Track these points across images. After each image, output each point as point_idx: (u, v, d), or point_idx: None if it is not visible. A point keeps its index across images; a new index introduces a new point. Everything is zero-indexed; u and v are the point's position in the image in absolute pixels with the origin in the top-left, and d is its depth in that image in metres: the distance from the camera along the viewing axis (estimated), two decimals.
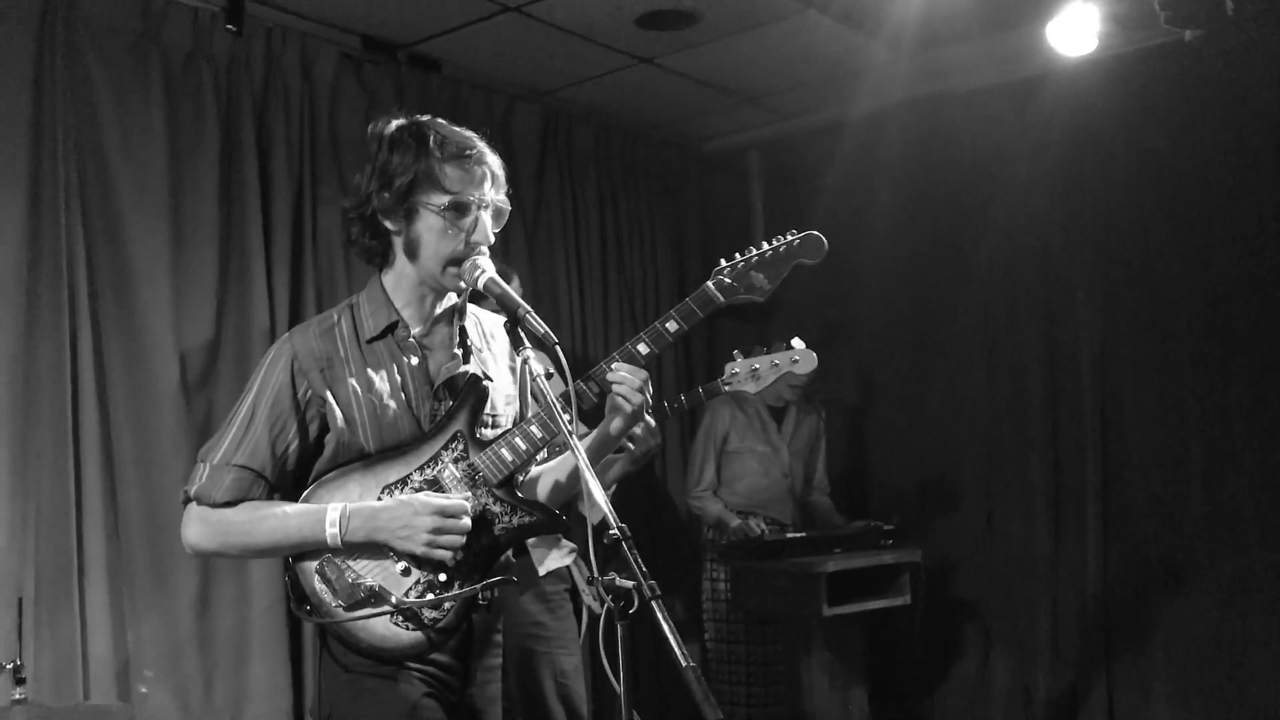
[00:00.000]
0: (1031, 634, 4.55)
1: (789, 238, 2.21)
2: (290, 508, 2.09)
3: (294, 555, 2.09)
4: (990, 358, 4.77)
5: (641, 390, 2.12)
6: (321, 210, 3.81)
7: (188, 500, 2.10)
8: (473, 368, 2.20)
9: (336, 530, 2.04)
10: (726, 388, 3.17)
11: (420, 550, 2.05)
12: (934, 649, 4.76)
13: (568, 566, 3.40)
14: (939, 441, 4.90)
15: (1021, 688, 4.54)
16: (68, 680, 3.10)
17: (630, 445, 3.05)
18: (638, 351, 2.15)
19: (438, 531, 2.05)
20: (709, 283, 2.19)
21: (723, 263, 2.20)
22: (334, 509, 2.05)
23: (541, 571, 3.30)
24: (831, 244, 2.24)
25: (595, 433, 2.22)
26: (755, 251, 2.20)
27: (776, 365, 3.08)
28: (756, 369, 3.11)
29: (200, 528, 2.09)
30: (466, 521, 2.07)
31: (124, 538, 3.31)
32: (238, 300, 3.60)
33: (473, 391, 2.16)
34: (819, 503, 4.65)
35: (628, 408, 2.12)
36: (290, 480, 2.15)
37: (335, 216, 3.82)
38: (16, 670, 2.42)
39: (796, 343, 3.06)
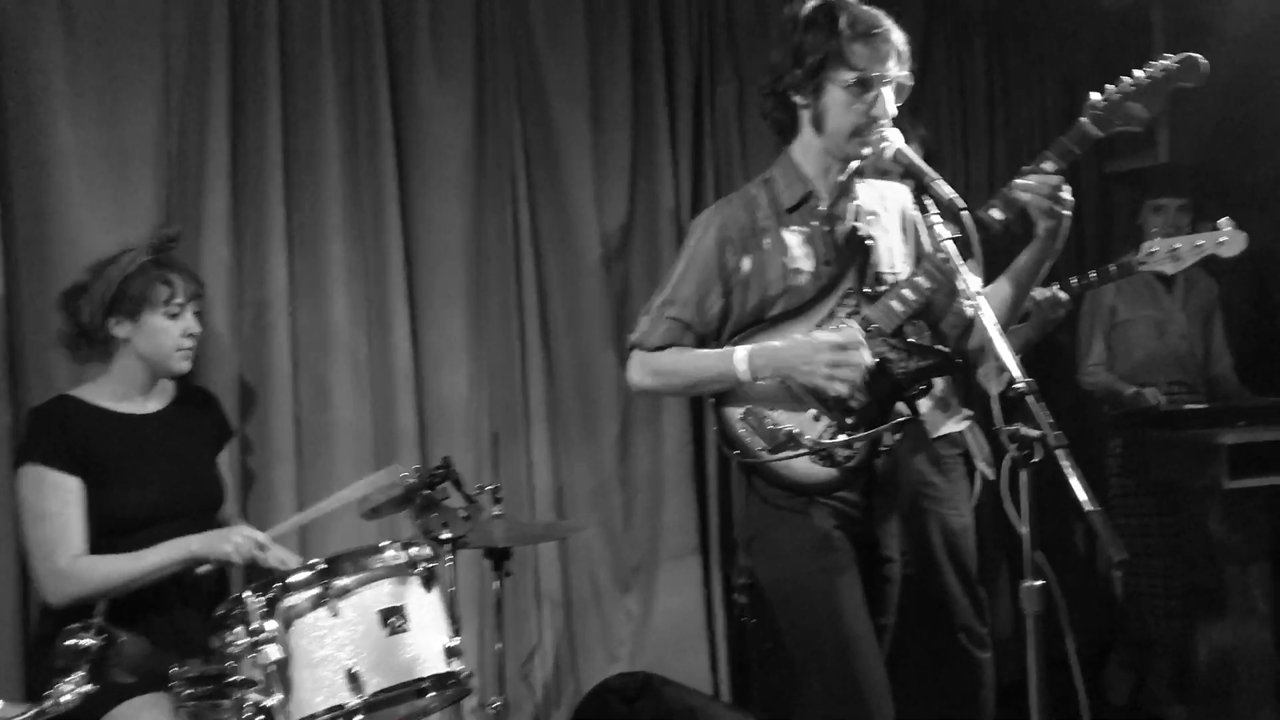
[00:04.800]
0: None
1: (1165, 61, 2.15)
2: (705, 351, 2.39)
3: (719, 402, 2.39)
4: None
5: (1052, 192, 2.17)
6: (720, 90, 4.03)
7: (632, 348, 2.45)
8: (861, 229, 2.37)
9: (745, 366, 2.30)
10: (1142, 266, 3.09)
11: (822, 382, 2.25)
12: None
13: (961, 431, 3.51)
14: None
15: None
16: (518, 507, 3.63)
17: (1035, 313, 3.08)
18: (1015, 197, 2.22)
19: (835, 365, 2.24)
20: (1082, 117, 2.19)
21: (1095, 96, 2.19)
22: (741, 349, 2.32)
23: (934, 434, 3.42)
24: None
25: (1027, 250, 2.31)
26: (1129, 80, 2.17)
27: (1199, 246, 2.97)
28: (1177, 249, 3.01)
29: (640, 370, 2.44)
30: (864, 354, 2.24)
31: (558, 388, 3.78)
32: (647, 180, 3.91)
33: (859, 250, 2.34)
34: (1222, 378, 4.42)
35: (1038, 209, 2.20)
36: (713, 335, 2.45)
37: (732, 96, 4.05)
38: (495, 491, 2.91)
39: (1224, 223, 2.93)
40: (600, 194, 3.83)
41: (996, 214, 2.22)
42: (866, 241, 2.35)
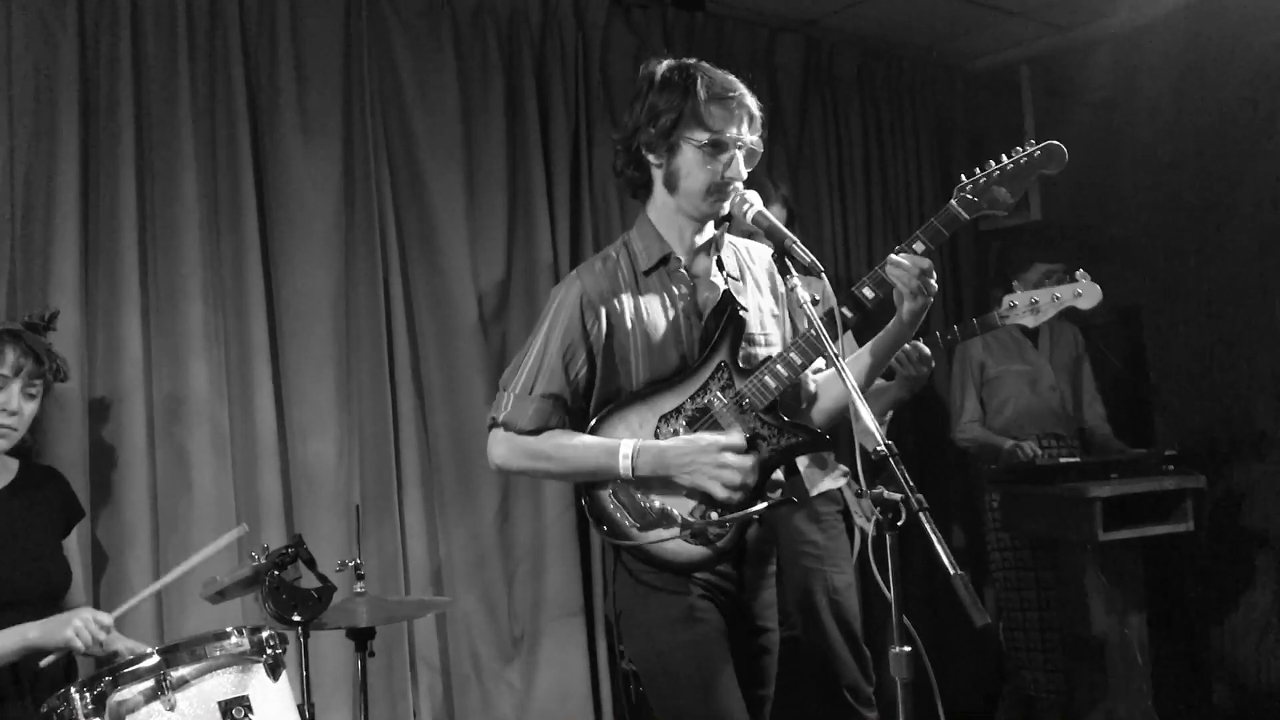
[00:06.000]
0: None
1: (1029, 149, 2.22)
2: (588, 440, 2.29)
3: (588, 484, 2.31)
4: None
5: (922, 275, 2.18)
6: (596, 151, 4.02)
7: (494, 425, 2.35)
8: (734, 297, 2.33)
9: (629, 464, 2.23)
10: (1004, 320, 3.13)
11: (705, 483, 2.22)
12: (1221, 579, 4.57)
13: (840, 489, 3.50)
14: (1226, 365, 4.64)
15: None
16: (391, 578, 3.51)
17: (900, 369, 3.10)
18: (886, 276, 2.22)
19: (720, 467, 2.21)
20: (952, 201, 2.23)
21: (964, 179, 2.24)
22: (626, 444, 2.23)
23: (813, 492, 3.40)
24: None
25: (890, 325, 2.31)
26: (995, 165, 2.22)
27: (1058, 299, 3.02)
28: (1036, 302, 3.06)
29: (507, 451, 2.33)
30: (747, 460, 2.22)
31: (434, 455, 3.67)
32: (524, 239, 3.86)
33: (731, 322, 2.30)
34: (1096, 430, 4.52)
35: (907, 289, 2.20)
36: (581, 403, 2.38)
37: (609, 156, 4.02)
38: (357, 568, 2.78)
39: (1081, 275, 3.00)
40: (476, 253, 3.76)
41: (868, 292, 2.24)
42: (741, 312, 2.32)
